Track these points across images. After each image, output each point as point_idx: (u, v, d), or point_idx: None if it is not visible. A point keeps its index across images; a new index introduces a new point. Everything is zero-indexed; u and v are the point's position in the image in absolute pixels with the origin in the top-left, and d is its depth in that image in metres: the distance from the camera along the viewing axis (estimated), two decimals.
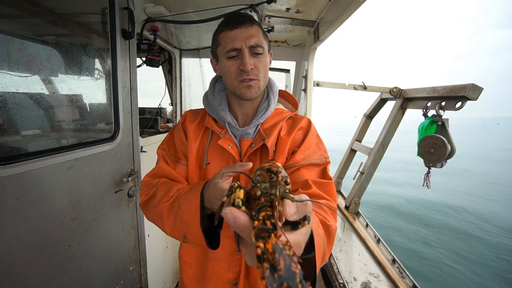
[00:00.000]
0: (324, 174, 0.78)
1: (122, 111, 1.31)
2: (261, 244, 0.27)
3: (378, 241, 1.82)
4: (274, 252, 0.26)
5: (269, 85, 0.86)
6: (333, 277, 1.47)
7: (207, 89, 0.92)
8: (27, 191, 0.82)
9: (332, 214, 0.68)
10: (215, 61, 0.83)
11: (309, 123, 0.85)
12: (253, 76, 0.74)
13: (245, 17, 0.75)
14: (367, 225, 2.05)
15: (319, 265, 0.51)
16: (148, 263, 1.57)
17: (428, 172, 1.72)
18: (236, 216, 0.33)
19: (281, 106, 0.90)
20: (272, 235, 0.28)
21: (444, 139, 1.63)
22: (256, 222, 0.31)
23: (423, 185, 1.73)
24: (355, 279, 1.43)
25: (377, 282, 1.41)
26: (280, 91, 0.90)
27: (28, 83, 0.91)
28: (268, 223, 0.30)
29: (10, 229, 0.78)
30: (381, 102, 2.49)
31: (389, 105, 2.42)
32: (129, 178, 1.29)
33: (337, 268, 1.50)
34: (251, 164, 0.56)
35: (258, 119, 0.81)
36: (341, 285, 1.38)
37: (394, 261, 1.59)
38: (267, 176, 0.40)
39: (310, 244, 0.47)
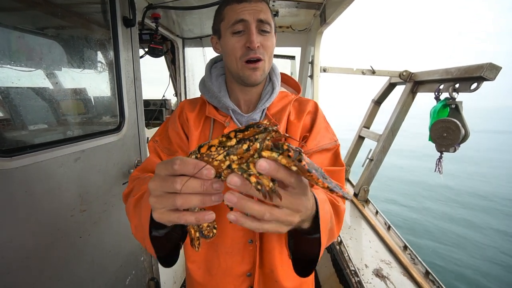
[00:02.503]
0: (336, 159, 0.75)
1: (126, 101, 1.29)
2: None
3: (389, 228, 1.80)
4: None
5: (271, 68, 0.80)
6: (344, 264, 1.46)
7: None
8: (35, 183, 0.81)
9: (341, 200, 0.66)
10: (216, 39, 0.76)
11: (316, 106, 0.81)
12: (260, 55, 0.68)
13: None
14: (376, 212, 2.03)
15: (324, 241, 0.49)
16: None
17: (440, 157, 1.67)
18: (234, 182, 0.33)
19: (283, 90, 0.85)
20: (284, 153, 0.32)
21: (457, 122, 1.57)
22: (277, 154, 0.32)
23: (435, 170, 1.69)
24: (366, 266, 1.42)
25: (389, 268, 1.40)
26: (281, 74, 0.84)
27: (31, 77, 0.89)
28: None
29: (22, 222, 0.77)
30: (390, 87, 2.42)
31: (399, 90, 2.35)
32: None
33: (348, 255, 1.49)
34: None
35: (264, 104, 0.75)
36: (353, 272, 1.37)
37: (405, 247, 1.57)
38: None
39: (316, 219, 0.46)
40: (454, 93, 1.61)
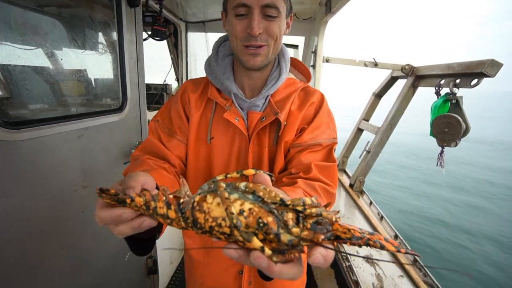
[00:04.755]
0: (328, 155, 0.72)
1: (129, 82, 1.29)
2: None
3: (382, 218, 1.85)
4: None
5: (281, 52, 0.76)
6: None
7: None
8: (41, 156, 0.83)
9: (327, 198, 0.65)
10: (224, 16, 0.72)
11: (322, 98, 0.76)
12: (261, 41, 0.64)
13: None
14: (370, 203, 2.08)
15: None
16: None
17: (442, 152, 1.70)
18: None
19: (292, 76, 0.81)
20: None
21: (458, 118, 1.59)
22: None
23: (437, 165, 1.72)
24: (357, 252, 1.47)
25: (379, 255, 1.45)
26: (291, 59, 0.79)
27: (32, 56, 0.89)
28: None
29: (28, 192, 0.80)
30: (392, 80, 2.42)
31: (400, 84, 2.35)
32: None
33: None
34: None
35: (268, 90, 0.72)
36: (344, 257, 1.42)
37: (396, 236, 1.63)
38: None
39: None
40: (454, 88, 1.63)
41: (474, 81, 1.50)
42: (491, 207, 5.83)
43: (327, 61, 2.23)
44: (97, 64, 1.17)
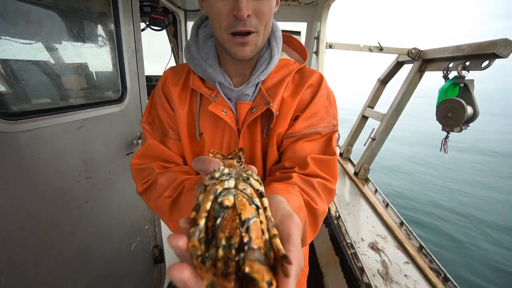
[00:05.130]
0: (327, 146, 0.63)
1: (128, 73, 1.28)
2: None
3: (387, 205, 1.84)
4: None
5: (271, 30, 0.64)
6: (341, 237, 1.51)
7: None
8: (41, 147, 0.83)
9: (326, 196, 0.59)
10: None
11: (321, 79, 0.66)
12: (251, 27, 0.53)
13: None
14: (376, 190, 2.06)
15: None
16: (162, 224, 1.64)
17: (446, 137, 1.66)
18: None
19: (285, 56, 0.70)
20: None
21: (462, 102, 1.54)
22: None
23: (440, 150, 1.68)
24: (362, 239, 1.47)
25: (384, 242, 1.45)
26: (283, 35, 0.68)
27: (31, 51, 0.87)
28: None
29: (31, 183, 0.81)
30: (397, 65, 2.35)
31: (406, 70, 2.29)
32: (139, 141, 1.30)
33: (345, 229, 1.54)
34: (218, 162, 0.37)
35: (259, 76, 0.63)
36: (349, 244, 1.42)
37: (402, 224, 1.61)
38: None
39: None
40: (463, 72, 1.57)
41: (485, 63, 1.44)
42: None
43: (330, 47, 2.17)
44: (95, 56, 1.15)
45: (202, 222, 0.26)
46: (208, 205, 0.27)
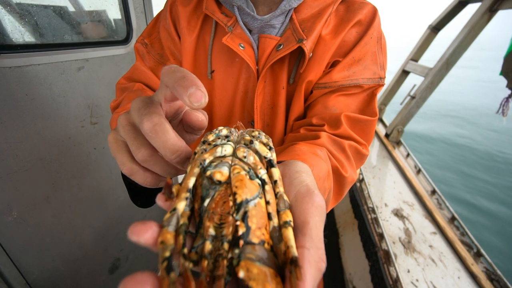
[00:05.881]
0: (368, 104, 0.51)
1: (133, 10, 1.13)
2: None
3: (419, 171, 1.66)
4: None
5: None
6: (362, 201, 1.40)
7: None
8: (36, 87, 0.78)
9: (357, 162, 0.48)
10: None
11: (373, 15, 0.50)
12: None
13: None
14: (408, 155, 1.86)
15: None
16: None
17: (509, 97, 1.36)
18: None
19: None
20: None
21: None
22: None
23: (497, 111, 1.40)
24: (386, 205, 1.35)
25: (411, 210, 1.32)
26: None
27: None
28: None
29: (28, 125, 0.77)
30: (458, 6, 1.90)
31: (469, 12, 1.84)
32: None
33: (367, 192, 1.42)
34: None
35: (290, 1, 0.49)
36: (370, 209, 1.31)
37: (434, 192, 1.45)
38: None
39: None
40: None
41: None
42: None
43: None
44: None
45: (180, 205, 0.19)
46: (191, 181, 0.20)
